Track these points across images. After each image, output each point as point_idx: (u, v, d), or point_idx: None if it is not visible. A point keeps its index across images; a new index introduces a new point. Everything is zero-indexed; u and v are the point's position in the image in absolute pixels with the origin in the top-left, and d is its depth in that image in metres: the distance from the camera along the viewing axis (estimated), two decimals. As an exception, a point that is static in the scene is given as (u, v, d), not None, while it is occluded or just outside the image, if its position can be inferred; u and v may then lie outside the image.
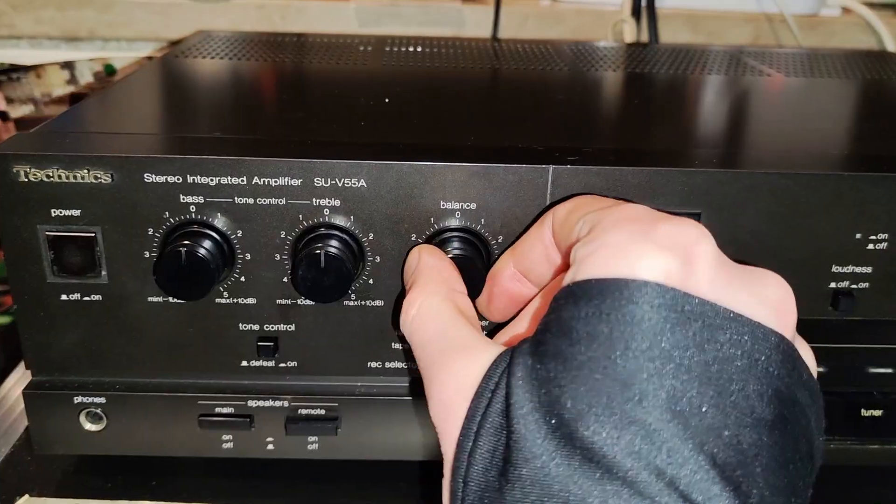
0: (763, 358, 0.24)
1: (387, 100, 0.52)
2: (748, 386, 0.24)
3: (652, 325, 0.24)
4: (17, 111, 0.88)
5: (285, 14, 0.86)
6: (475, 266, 0.38)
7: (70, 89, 0.88)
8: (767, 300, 0.26)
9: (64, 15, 0.84)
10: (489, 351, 0.29)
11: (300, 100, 0.53)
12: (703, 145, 0.46)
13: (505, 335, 0.36)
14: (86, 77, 0.88)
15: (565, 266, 0.32)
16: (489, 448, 0.26)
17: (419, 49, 0.71)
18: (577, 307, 0.25)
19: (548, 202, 0.38)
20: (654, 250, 0.25)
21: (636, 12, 0.88)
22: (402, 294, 0.40)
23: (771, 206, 0.39)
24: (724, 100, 0.59)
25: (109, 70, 0.88)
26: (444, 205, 0.39)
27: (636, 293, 0.24)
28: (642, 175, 0.38)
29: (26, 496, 0.43)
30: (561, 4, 0.92)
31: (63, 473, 0.45)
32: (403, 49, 0.70)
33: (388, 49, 0.70)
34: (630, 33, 0.87)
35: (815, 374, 0.27)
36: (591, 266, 0.26)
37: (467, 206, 0.39)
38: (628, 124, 0.51)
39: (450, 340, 0.30)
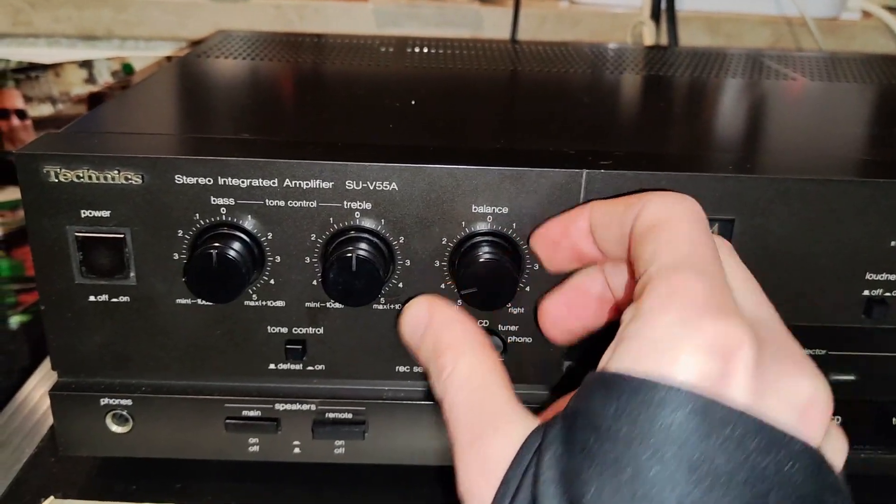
0: (788, 466, 0.24)
1: (413, 102, 0.52)
2: (772, 495, 0.24)
3: (682, 431, 0.24)
4: (36, 110, 0.88)
5: (303, 14, 0.86)
6: (507, 271, 0.37)
7: (89, 88, 0.88)
8: (798, 405, 0.26)
9: (81, 14, 0.84)
10: (520, 426, 0.28)
11: (325, 101, 0.53)
12: (733, 150, 0.46)
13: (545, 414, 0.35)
14: (104, 76, 0.88)
15: (631, 273, 0.31)
16: None
17: (440, 50, 0.70)
18: (607, 400, 0.25)
19: (580, 207, 0.38)
20: (694, 352, 0.25)
21: (655, 15, 0.87)
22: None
23: (804, 213, 0.39)
24: (749, 104, 0.58)
25: (128, 69, 0.88)
26: (475, 208, 0.38)
27: (667, 398, 0.24)
28: (677, 181, 0.38)
29: (51, 498, 0.43)
30: (579, 6, 0.91)
31: (87, 475, 0.45)
32: (425, 50, 0.70)
33: (409, 50, 0.70)
34: (649, 36, 0.86)
35: (843, 460, 0.28)
36: (627, 356, 0.26)
37: (499, 209, 0.38)
38: (656, 128, 0.51)
39: (481, 412, 0.30)
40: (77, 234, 0.38)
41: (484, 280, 0.37)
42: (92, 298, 0.40)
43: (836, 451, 0.28)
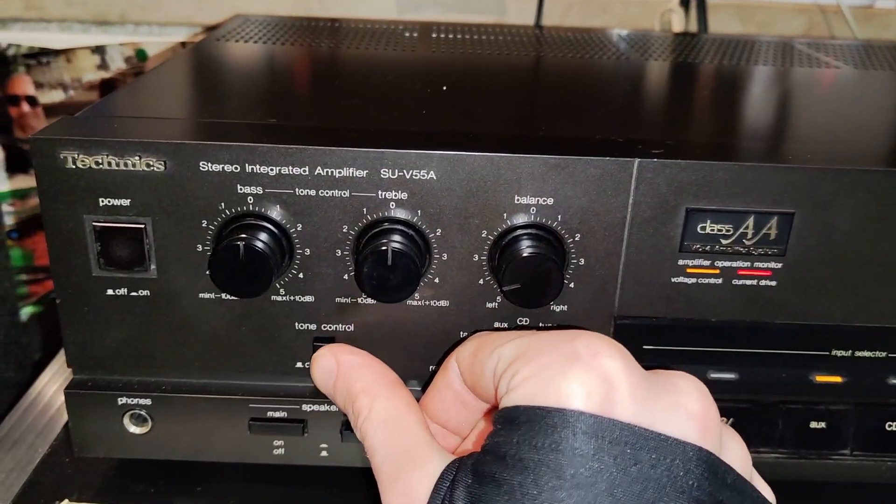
0: (682, 473, 0.26)
1: (444, 87, 0.49)
2: (669, 501, 0.25)
3: (575, 452, 0.26)
4: (47, 96, 0.86)
5: (322, -1, 0.83)
6: (551, 267, 0.35)
7: (101, 75, 0.86)
8: (687, 411, 0.27)
9: (95, -3, 0.82)
10: (436, 462, 0.30)
11: (352, 86, 0.51)
12: (788, 140, 0.43)
13: (460, 449, 0.36)
14: (117, 62, 0.86)
15: (489, 401, 0.33)
16: None
17: (466, 36, 0.68)
18: (510, 433, 0.27)
19: (631, 199, 0.36)
20: (578, 378, 0.27)
21: (685, 2, 0.84)
22: (468, 294, 0.38)
23: (869, 206, 0.36)
24: (791, 92, 0.56)
25: (141, 55, 0.86)
26: (518, 199, 0.36)
27: (560, 422, 0.26)
28: (733, 171, 0.35)
29: (66, 501, 0.41)
30: (606, -8, 0.89)
31: (103, 477, 0.43)
32: (451, 36, 0.68)
33: (435, 35, 0.67)
34: (678, 23, 0.84)
35: (747, 463, 0.30)
36: (522, 393, 0.28)
37: (543, 200, 0.36)
38: (700, 116, 0.48)
39: (400, 451, 0.31)
40: (95, 223, 0.36)
41: (527, 276, 0.35)
42: (110, 292, 0.37)
43: (734, 451, 0.29)
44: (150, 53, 0.86)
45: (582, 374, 0.27)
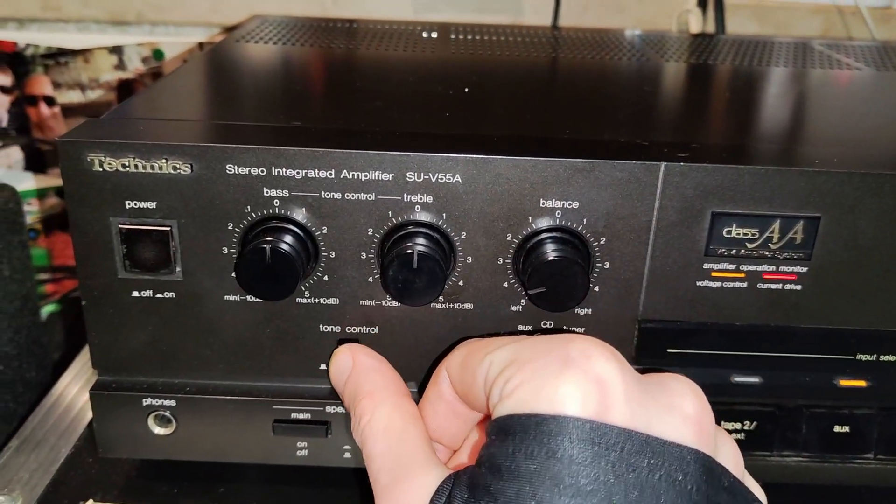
0: (681, 477, 0.26)
1: (466, 89, 0.49)
2: None
3: (572, 459, 0.25)
4: (64, 97, 0.86)
5: (338, -1, 0.83)
6: (577, 270, 0.35)
7: (118, 75, 0.86)
8: (682, 414, 0.27)
9: (112, -2, 0.82)
10: (433, 476, 0.30)
11: (374, 88, 0.51)
12: (812, 143, 0.43)
13: (453, 461, 0.36)
14: (134, 62, 0.86)
15: (481, 410, 0.33)
16: None
17: (485, 37, 0.68)
18: (504, 443, 0.27)
19: (657, 202, 0.36)
20: (571, 383, 0.26)
21: (702, 2, 0.84)
22: (492, 297, 0.38)
23: (896, 210, 0.36)
24: (815, 93, 0.56)
25: (158, 55, 0.86)
26: (543, 203, 0.36)
27: (555, 429, 0.26)
28: (760, 175, 0.35)
29: (90, 501, 0.41)
30: (622, -7, 0.88)
31: (127, 477, 0.43)
32: (469, 37, 0.67)
33: (454, 36, 0.67)
34: (696, 23, 0.83)
35: (740, 466, 0.29)
36: (515, 400, 0.27)
37: (569, 204, 0.36)
38: (724, 118, 0.48)
39: (398, 460, 0.31)
40: (121, 226, 0.36)
41: (553, 279, 0.35)
42: (135, 294, 0.38)
43: (728, 452, 0.29)
44: (167, 53, 0.86)
45: (576, 379, 0.26)
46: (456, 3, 0.84)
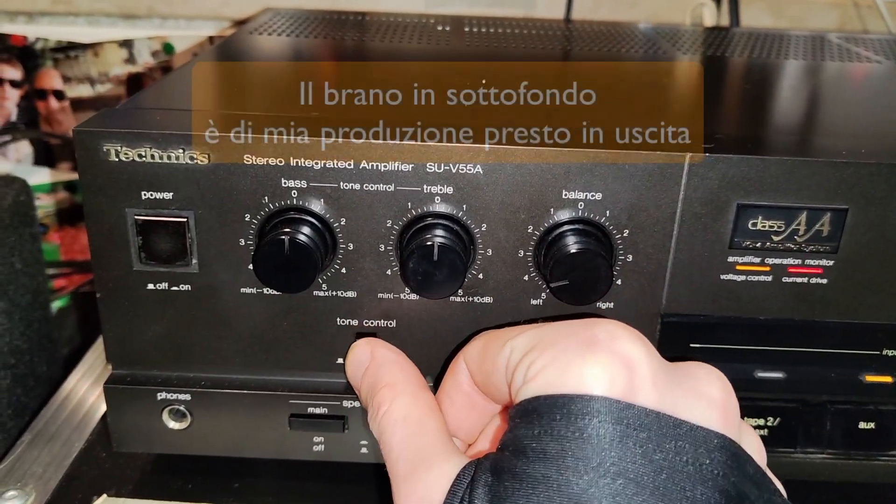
0: (708, 461, 0.25)
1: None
2: (696, 491, 0.25)
3: (601, 440, 0.25)
4: (74, 91, 0.86)
5: (350, -8, 0.83)
6: (600, 263, 0.34)
7: (128, 69, 0.86)
8: (708, 399, 0.27)
9: (122, -9, 0.82)
10: (453, 463, 0.29)
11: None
12: (836, 135, 0.42)
13: (472, 449, 0.35)
14: (144, 56, 0.86)
15: (501, 401, 0.32)
16: None
17: (499, 30, 0.67)
18: (530, 425, 0.26)
19: (681, 194, 0.35)
20: (599, 364, 0.26)
21: (716, -5, 0.83)
22: (512, 290, 0.37)
23: (925, 203, 0.35)
24: (835, 86, 0.55)
25: (168, 49, 0.85)
26: (565, 194, 0.35)
27: (583, 409, 0.25)
28: (786, 166, 0.35)
29: (104, 496, 0.41)
30: (635, -14, 0.88)
31: (141, 472, 0.42)
32: (483, 30, 0.67)
33: (468, 29, 0.66)
34: (710, 17, 0.83)
35: (763, 460, 0.28)
36: (540, 382, 0.27)
37: (591, 195, 0.35)
38: (745, 110, 0.47)
39: (417, 450, 0.31)
40: (137, 217, 0.36)
41: (575, 272, 0.35)
42: (151, 286, 0.37)
43: (751, 442, 0.28)
44: (178, 47, 0.86)
45: (603, 360, 0.26)
46: (468, -3, 0.84)
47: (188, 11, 0.83)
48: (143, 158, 0.35)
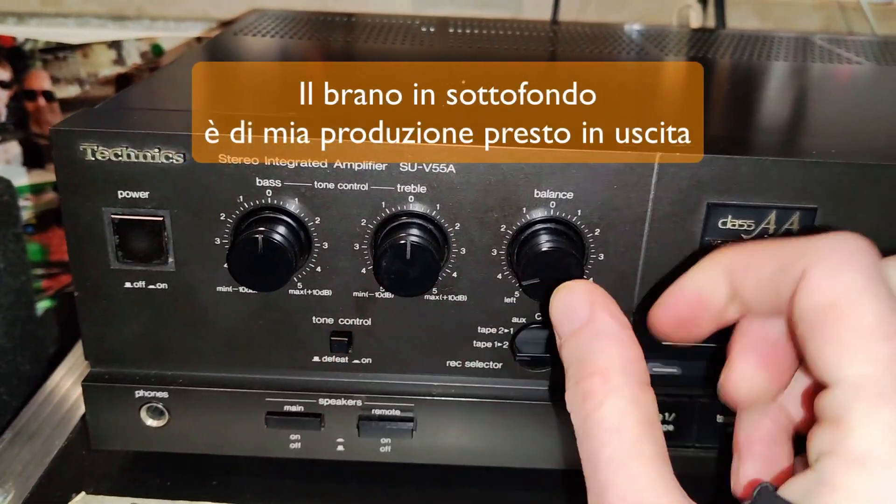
0: None
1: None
2: None
3: None
4: (63, 91, 0.86)
5: (338, -6, 0.83)
6: (571, 261, 0.35)
7: (117, 70, 0.86)
8: None
9: (112, -7, 0.82)
10: None
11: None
12: (809, 134, 0.43)
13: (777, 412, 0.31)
14: (133, 57, 0.86)
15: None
16: None
17: (483, 31, 0.67)
18: None
19: (652, 193, 0.35)
20: None
21: (702, -3, 0.84)
22: (486, 288, 0.37)
23: (893, 202, 0.36)
24: (811, 87, 0.55)
25: (157, 50, 0.86)
26: (537, 193, 0.36)
27: None
28: (756, 165, 0.35)
29: (83, 493, 0.41)
30: (622, -12, 0.88)
31: (120, 469, 0.43)
32: (467, 31, 0.67)
33: (452, 31, 0.67)
34: (696, 18, 0.83)
35: None
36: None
37: (563, 195, 0.36)
38: (719, 111, 0.48)
39: (632, 485, 0.26)
40: (113, 216, 0.36)
41: (547, 270, 0.35)
42: (128, 285, 0.37)
43: None
44: (167, 48, 0.86)
45: None
46: (455, -1, 0.84)
47: (177, 13, 0.84)
48: (120, 158, 0.35)
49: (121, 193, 0.36)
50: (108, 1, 0.83)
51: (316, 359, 0.39)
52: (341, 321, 0.38)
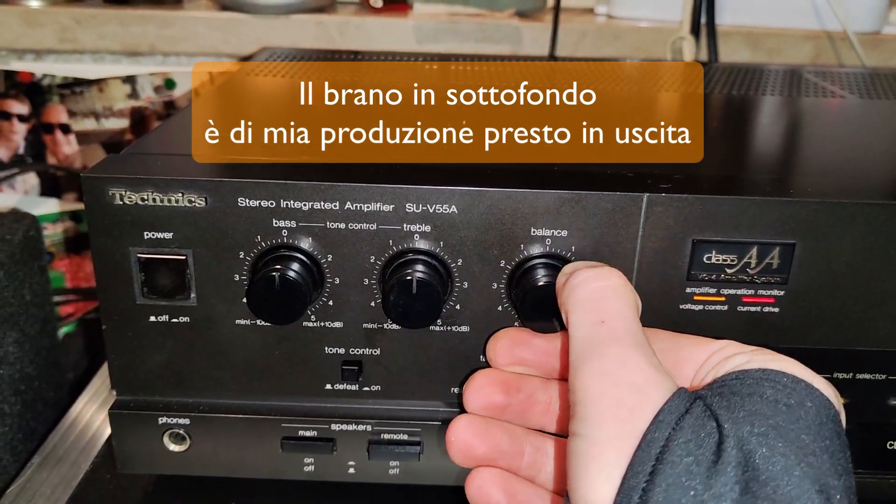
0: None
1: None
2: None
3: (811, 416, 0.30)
4: (79, 125, 0.89)
5: (344, 30, 0.86)
6: (566, 294, 0.37)
7: (131, 103, 0.89)
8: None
9: (126, 30, 0.85)
10: (663, 390, 0.31)
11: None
12: (794, 172, 0.45)
13: None
14: (146, 91, 0.89)
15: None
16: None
17: (485, 68, 0.70)
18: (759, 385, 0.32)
19: (640, 231, 0.38)
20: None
21: (695, 29, 0.87)
22: (487, 320, 0.40)
23: (869, 238, 0.38)
24: (798, 123, 0.58)
25: (170, 84, 0.89)
26: (534, 231, 0.38)
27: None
28: (737, 204, 0.38)
29: (109, 515, 0.43)
30: (618, 21, 0.91)
31: (143, 492, 0.45)
32: (468, 68, 0.70)
33: (453, 68, 0.70)
34: (689, 51, 0.86)
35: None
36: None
37: (558, 232, 0.38)
38: (710, 148, 0.50)
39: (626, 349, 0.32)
40: (140, 255, 0.39)
41: (543, 303, 0.37)
42: (153, 319, 0.40)
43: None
44: (179, 82, 0.90)
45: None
46: (458, 34, 0.87)
47: (189, 48, 0.87)
48: (146, 202, 0.38)
49: (147, 234, 0.38)
50: (122, 38, 0.86)
51: (328, 386, 0.42)
52: (352, 351, 0.41)
